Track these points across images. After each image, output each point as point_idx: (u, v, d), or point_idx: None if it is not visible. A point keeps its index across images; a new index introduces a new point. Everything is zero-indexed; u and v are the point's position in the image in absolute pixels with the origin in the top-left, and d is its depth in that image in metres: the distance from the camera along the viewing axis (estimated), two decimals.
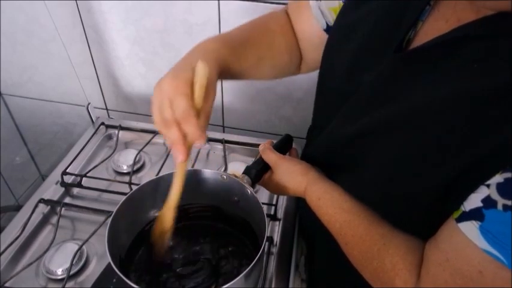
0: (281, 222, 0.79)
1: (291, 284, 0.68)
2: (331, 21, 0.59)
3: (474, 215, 0.36)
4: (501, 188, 0.34)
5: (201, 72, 0.46)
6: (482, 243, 0.35)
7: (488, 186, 0.35)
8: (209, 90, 0.48)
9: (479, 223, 0.35)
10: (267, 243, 0.73)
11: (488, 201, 0.35)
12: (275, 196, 0.83)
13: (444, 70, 0.41)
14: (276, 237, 0.76)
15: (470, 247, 0.36)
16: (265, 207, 0.61)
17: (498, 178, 0.34)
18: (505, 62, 0.36)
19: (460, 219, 0.37)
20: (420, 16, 0.46)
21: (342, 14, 0.56)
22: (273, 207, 0.80)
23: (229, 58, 0.56)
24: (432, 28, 0.45)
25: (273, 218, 0.79)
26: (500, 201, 0.33)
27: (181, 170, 0.52)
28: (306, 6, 0.63)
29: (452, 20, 0.43)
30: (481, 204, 0.35)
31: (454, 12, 0.43)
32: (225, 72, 0.55)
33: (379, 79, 0.47)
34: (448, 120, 0.38)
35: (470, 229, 0.36)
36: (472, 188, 0.36)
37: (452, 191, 0.38)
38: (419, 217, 0.44)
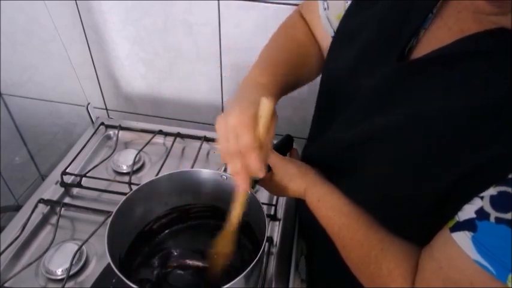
0: (281, 222, 0.79)
1: (291, 284, 0.68)
2: None
3: (467, 225, 0.36)
4: (494, 201, 0.34)
5: (266, 107, 0.48)
6: (474, 254, 0.35)
7: (482, 198, 0.35)
8: (270, 125, 0.50)
9: (472, 234, 0.35)
10: (266, 244, 0.73)
11: (481, 213, 0.35)
12: (275, 196, 0.83)
13: (446, 82, 0.41)
14: (276, 238, 0.76)
15: (463, 257, 0.36)
16: (265, 208, 0.61)
17: (492, 191, 0.35)
18: (505, 78, 0.37)
19: (454, 229, 0.38)
20: (423, 24, 0.45)
21: (345, 19, 0.56)
22: (273, 208, 0.80)
23: (281, 85, 0.60)
24: (435, 36, 0.45)
25: (273, 218, 0.79)
26: (493, 214, 0.34)
27: (242, 198, 0.54)
28: (317, 16, 0.64)
29: (455, 28, 0.43)
30: (474, 216, 0.36)
31: (457, 21, 0.43)
32: (279, 97, 0.60)
33: (381, 85, 0.47)
34: (447, 131, 0.39)
35: (463, 239, 0.36)
36: (467, 198, 0.37)
37: (450, 198, 0.38)
38: (418, 221, 0.44)
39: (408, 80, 0.44)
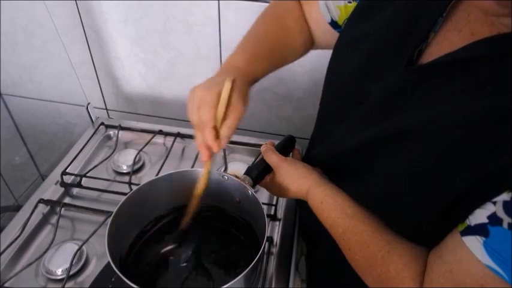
0: (281, 222, 0.78)
1: (291, 284, 0.68)
2: (336, 17, 0.61)
3: (479, 230, 0.36)
4: (507, 206, 0.34)
5: (226, 87, 0.52)
6: (485, 258, 0.35)
7: (494, 203, 0.35)
8: (235, 106, 0.53)
9: (484, 239, 0.35)
10: (266, 244, 0.73)
11: (494, 219, 0.35)
12: (275, 196, 0.83)
13: (456, 87, 0.41)
14: (276, 238, 0.76)
15: (473, 261, 0.36)
16: (265, 208, 0.61)
17: (505, 196, 0.34)
18: None
19: (465, 232, 0.37)
20: (432, 27, 0.45)
21: (351, 23, 0.56)
22: (273, 208, 0.80)
23: (257, 69, 0.62)
24: (444, 39, 0.44)
25: (273, 218, 0.79)
26: (506, 220, 0.34)
27: (205, 167, 0.60)
28: (314, 1, 0.64)
29: (466, 31, 0.42)
30: (486, 221, 0.35)
31: (467, 24, 0.42)
32: (255, 80, 0.62)
33: (389, 90, 0.47)
34: (458, 135, 0.38)
35: (474, 244, 0.36)
36: (479, 203, 0.36)
37: (458, 204, 0.38)
38: (425, 224, 0.43)
39: (417, 84, 0.44)
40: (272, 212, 0.79)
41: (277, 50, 0.65)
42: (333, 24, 0.62)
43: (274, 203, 0.81)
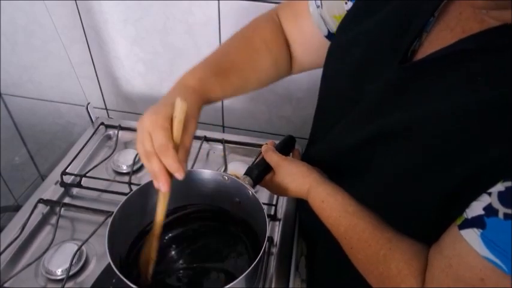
0: (281, 222, 0.79)
1: (291, 284, 0.68)
2: (334, 28, 0.60)
3: (476, 222, 0.36)
4: (502, 197, 0.34)
5: (179, 107, 0.48)
6: (483, 250, 0.35)
7: (489, 194, 0.35)
8: (188, 124, 0.50)
9: (481, 231, 0.35)
10: (267, 244, 0.73)
11: (489, 210, 0.35)
12: (275, 196, 0.83)
13: (450, 82, 0.41)
14: (276, 238, 0.76)
15: (472, 254, 0.36)
16: (265, 208, 0.61)
17: (499, 187, 0.34)
18: (509, 75, 0.37)
19: (463, 226, 0.38)
20: (425, 27, 0.46)
21: (346, 23, 0.56)
22: (273, 208, 0.80)
23: (211, 88, 0.58)
24: (437, 38, 0.45)
25: (273, 218, 0.79)
26: (502, 210, 0.34)
27: (163, 199, 0.54)
28: (305, 14, 0.63)
29: (457, 29, 0.43)
30: (482, 212, 0.35)
31: (458, 22, 0.43)
32: (210, 100, 0.58)
33: (385, 89, 0.47)
34: (453, 130, 0.39)
35: (472, 236, 0.36)
36: (475, 196, 0.37)
37: (456, 198, 0.38)
38: (425, 220, 0.44)
39: (412, 81, 0.44)
40: (272, 212, 0.79)
41: (238, 69, 0.63)
42: (330, 36, 0.62)
43: (274, 203, 0.81)
